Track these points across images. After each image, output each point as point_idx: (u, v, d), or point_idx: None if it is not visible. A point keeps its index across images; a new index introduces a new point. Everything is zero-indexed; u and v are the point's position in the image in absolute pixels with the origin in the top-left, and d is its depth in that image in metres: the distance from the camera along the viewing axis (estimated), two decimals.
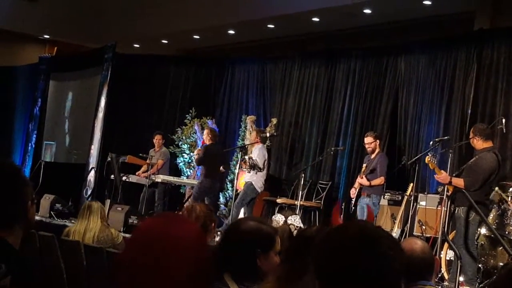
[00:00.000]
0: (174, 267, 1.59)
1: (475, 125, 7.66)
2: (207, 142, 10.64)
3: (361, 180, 9.08)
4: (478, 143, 7.27)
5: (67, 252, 5.93)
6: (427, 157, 7.31)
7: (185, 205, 9.84)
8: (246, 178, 10.49)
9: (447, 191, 7.32)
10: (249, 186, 10.24)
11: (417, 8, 10.54)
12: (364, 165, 9.28)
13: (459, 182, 7.06)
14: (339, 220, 8.83)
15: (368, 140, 9.31)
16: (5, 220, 2.17)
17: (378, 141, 9.34)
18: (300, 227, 4.42)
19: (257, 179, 10.26)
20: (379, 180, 9.02)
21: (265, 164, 10.44)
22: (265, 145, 10.82)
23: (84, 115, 14.43)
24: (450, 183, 7.11)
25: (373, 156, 9.25)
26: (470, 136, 7.38)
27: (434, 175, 7.44)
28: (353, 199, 9.16)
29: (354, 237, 1.59)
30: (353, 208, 9.22)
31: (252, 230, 2.80)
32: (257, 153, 10.34)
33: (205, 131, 10.96)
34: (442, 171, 7.24)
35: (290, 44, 13.41)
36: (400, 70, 10.69)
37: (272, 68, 13.07)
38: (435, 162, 7.33)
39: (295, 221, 4.14)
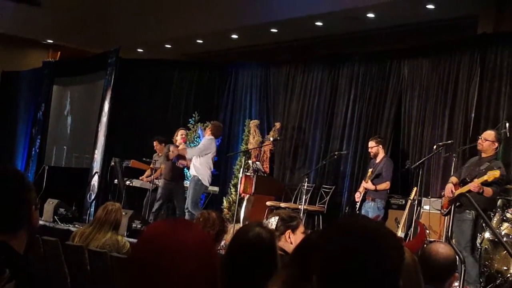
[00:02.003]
0: (180, 272, 1.59)
1: (495, 130, 7.46)
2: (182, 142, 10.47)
3: (367, 184, 9.08)
4: (495, 149, 7.19)
5: (71, 257, 5.93)
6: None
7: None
8: (191, 170, 10.16)
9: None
10: (197, 182, 9.98)
11: (420, 12, 10.53)
12: (370, 169, 9.27)
13: (489, 191, 6.95)
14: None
15: (370, 144, 9.35)
16: (9, 225, 2.17)
17: (381, 145, 9.33)
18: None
19: (204, 173, 10.02)
20: (384, 185, 9.02)
21: (213, 158, 10.24)
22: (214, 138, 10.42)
23: (88, 120, 14.45)
24: (481, 190, 6.99)
25: (378, 160, 9.25)
26: (491, 139, 7.14)
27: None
28: (358, 203, 9.17)
29: (357, 236, 1.56)
30: (357, 212, 9.22)
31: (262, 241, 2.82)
32: (208, 142, 10.15)
33: (182, 132, 10.55)
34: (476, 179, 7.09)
35: (294, 49, 13.42)
36: (404, 74, 10.68)
37: (275, 72, 13.06)
38: None
39: (273, 223, 4.14)
